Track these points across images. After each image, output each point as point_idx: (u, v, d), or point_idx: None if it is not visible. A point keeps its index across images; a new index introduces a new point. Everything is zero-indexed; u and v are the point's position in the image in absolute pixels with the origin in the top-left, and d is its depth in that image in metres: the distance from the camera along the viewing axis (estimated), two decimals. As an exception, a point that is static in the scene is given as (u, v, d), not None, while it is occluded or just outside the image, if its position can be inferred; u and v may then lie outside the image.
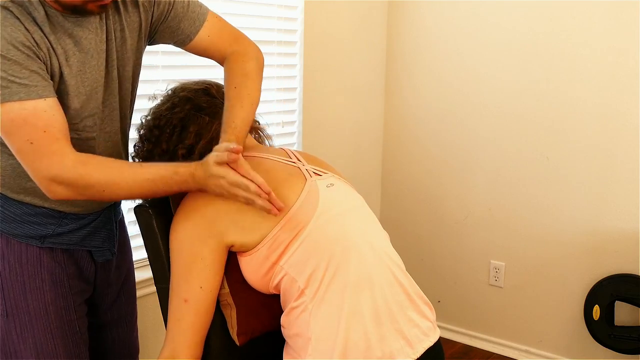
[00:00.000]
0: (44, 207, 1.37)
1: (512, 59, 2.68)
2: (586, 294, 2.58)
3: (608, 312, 2.52)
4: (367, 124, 3.03)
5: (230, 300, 1.33)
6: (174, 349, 1.26)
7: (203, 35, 1.45)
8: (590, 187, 2.56)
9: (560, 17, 2.54)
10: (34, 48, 1.18)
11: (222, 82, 1.53)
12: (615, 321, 2.53)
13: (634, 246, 2.49)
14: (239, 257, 1.32)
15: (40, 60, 1.20)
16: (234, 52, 1.47)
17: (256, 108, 1.44)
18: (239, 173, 1.23)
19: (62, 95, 1.26)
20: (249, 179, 1.22)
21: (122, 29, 1.35)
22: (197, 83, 1.49)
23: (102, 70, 1.32)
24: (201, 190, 1.27)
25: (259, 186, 1.22)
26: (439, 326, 1.40)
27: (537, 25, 2.60)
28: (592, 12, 2.47)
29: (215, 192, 1.25)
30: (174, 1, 1.41)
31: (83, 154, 1.26)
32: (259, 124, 1.57)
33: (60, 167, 1.20)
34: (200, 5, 1.46)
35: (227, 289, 1.33)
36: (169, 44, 1.49)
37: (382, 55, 3.04)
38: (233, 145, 1.22)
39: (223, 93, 1.46)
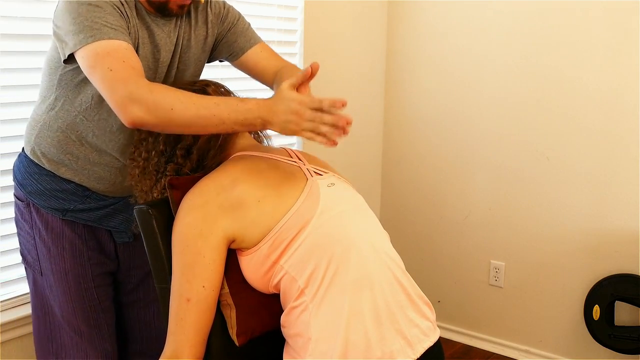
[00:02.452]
0: (74, 182, 1.54)
1: (512, 58, 2.68)
2: (586, 294, 2.58)
3: (608, 312, 2.52)
4: (367, 123, 3.03)
5: (229, 300, 1.33)
6: (176, 349, 1.26)
7: (256, 50, 1.62)
8: (590, 187, 2.56)
9: (562, 16, 2.54)
10: (124, 16, 1.40)
11: (221, 81, 1.53)
12: (615, 321, 2.53)
13: (634, 246, 2.49)
14: (239, 256, 1.32)
15: (126, 26, 1.40)
16: (286, 65, 1.61)
17: None
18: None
19: None
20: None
21: (189, 38, 1.55)
22: (195, 83, 1.49)
23: (165, 66, 1.51)
24: (265, 122, 1.26)
25: (332, 102, 1.23)
26: (439, 326, 1.40)
27: (537, 24, 2.60)
28: (595, 11, 2.47)
29: (281, 119, 1.24)
30: (236, 21, 1.62)
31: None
32: None
33: (136, 86, 1.29)
34: (256, 33, 1.67)
35: (226, 289, 1.32)
36: (224, 59, 1.66)
37: (382, 54, 3.04)
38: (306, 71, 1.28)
39: (221, 93, 1.46)
